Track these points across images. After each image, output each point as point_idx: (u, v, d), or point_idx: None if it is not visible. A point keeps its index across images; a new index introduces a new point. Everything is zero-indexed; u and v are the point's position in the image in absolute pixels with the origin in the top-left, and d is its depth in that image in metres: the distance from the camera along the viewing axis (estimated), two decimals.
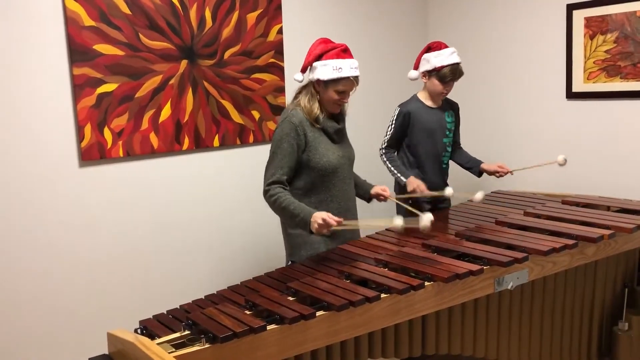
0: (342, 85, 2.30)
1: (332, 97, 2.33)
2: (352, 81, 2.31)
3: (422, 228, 2.08)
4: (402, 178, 2.89)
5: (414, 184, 2.82)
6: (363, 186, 2.59)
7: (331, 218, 2.14)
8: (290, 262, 2.49)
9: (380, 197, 2.53)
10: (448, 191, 2.67)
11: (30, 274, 2.49)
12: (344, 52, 2.32)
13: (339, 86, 2.30)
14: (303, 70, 2.41)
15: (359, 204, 2.57)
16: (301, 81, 2.42)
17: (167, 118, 2.83)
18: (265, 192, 2.32)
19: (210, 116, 2.98)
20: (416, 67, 3.00)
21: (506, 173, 3.03)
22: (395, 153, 3.03)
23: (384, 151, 3.02)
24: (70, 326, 2.61)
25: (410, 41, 3.91)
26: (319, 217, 2.15)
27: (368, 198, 2.58)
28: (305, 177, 2.38)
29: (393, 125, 3.00)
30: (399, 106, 3.02)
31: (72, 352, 2.61)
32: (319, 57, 2.32)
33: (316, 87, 2.36)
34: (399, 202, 2.55)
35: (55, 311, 2.57)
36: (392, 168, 2.94)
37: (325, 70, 2.29)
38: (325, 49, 2.32)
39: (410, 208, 2.36)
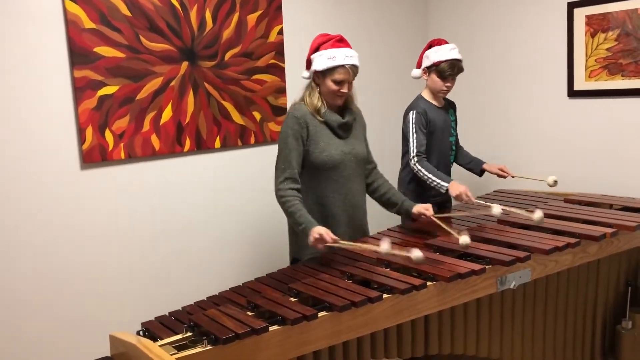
0: (338, 74, 2.30)
1: (331, 88, 2.33)
2: (347, 70, 2.31)
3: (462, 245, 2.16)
4: (443, 184, 2.66)
5: (458, 188, 2.61)
6: (404, 205, 2.48)
7: (328, 235, 2.13)
8: (293, 260, 2.50)
9: (422, 217, 2.44)
10: (496, 210, 2.37)
11: (31, 276, 2.49)
12: (339, 42, 2.34)
13: (335, 75, 2.30)
14: (307, 67, 2.42)
15: (373, 209, 2.53)
16: (308, 78, 2.43)
17: (168, 120, 2.83)
18: (277, 191, 2.31)
19: (211, 117, 2.98)
20: (419, 66, 2.96)
21: (507, 176, 3.03)
22: (426, 159, 2.79)
23: (415, 159, 2.76)
24: (72, 328, 2.61)
25: (411, 41, 3.91)
26: (316, 231, 2.14)
27: (411, 218, 2.48)
28: (306, 171, 2.38)
29: (414, 129, 2.79)
30: (411, 107, 2.88)
31: (74, 354, 2.61)
32: (316, 50, 2.35)
33: (315, 80, 2.38)
34: (440, 223, 2.38)
35: (57, 313, 2.57)
36: (430, 176, 2.70)
37: (321, 60, 2.31)
38: (322, 41, 2.35)
39: (449, 229, 2.28)
